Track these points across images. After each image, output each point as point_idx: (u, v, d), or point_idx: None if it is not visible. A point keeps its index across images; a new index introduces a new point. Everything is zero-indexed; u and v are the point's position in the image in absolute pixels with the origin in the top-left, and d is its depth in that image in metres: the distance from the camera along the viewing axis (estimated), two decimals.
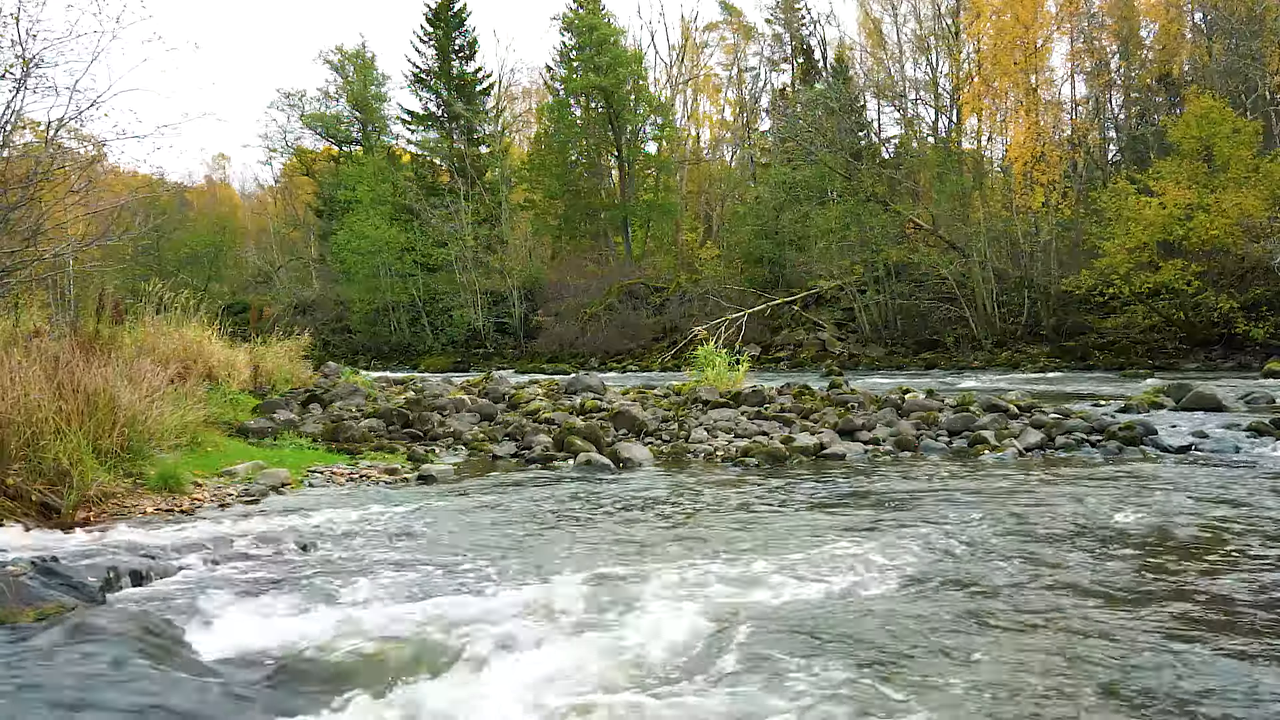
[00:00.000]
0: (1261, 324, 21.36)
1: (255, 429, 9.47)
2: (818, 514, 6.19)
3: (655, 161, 42.87)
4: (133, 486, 6.38)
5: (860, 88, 36.63)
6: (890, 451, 9.15)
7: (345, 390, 12.47)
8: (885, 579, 4.51)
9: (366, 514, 6.25)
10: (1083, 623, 3.81)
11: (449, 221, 37.29)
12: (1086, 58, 30.63)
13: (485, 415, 11.03)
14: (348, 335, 40.38)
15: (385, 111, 46.65)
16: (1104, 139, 33.28)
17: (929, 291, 28.51)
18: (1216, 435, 9.28)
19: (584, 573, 4.64)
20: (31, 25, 9.61)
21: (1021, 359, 24.58)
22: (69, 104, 9.90)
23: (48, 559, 4.20)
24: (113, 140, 11.08)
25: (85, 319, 10.68)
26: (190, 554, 4.92)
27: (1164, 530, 5.50)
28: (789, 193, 32.37)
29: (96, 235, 10.66)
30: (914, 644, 3.57)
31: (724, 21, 47.04)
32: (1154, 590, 4.26)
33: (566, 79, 41.42)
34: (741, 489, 7.26)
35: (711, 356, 13.72)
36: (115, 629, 3.34)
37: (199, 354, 11.41)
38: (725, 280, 33.17)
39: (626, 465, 8.49)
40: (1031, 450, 8.96)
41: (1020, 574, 4.58)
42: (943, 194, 29.38)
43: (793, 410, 11.21)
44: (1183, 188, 22.03)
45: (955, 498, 6.67)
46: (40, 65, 9.71)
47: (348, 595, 4.29)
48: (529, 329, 36.43)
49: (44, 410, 5.89)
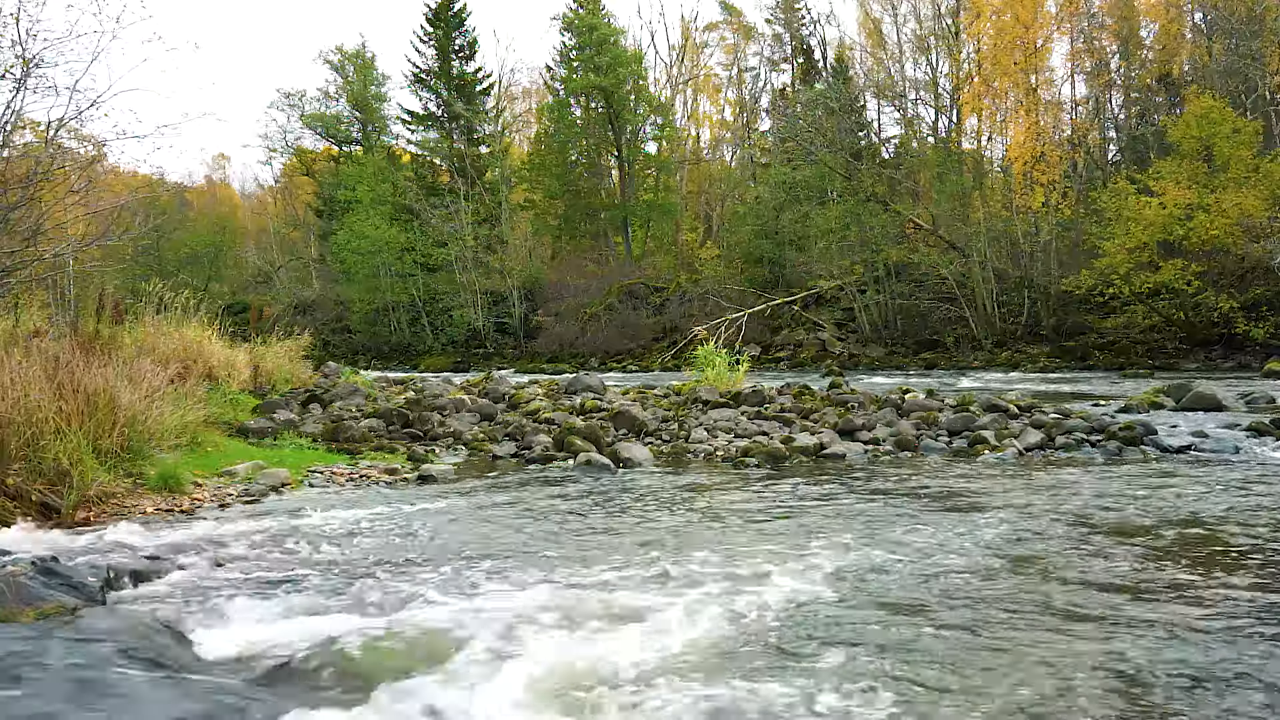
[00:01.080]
0: (1261, 324, 21.35)
1: (255, 429, 9.47)
2: (818, 514, 6.19)
3: (655, 161, 42.86)
4: (133, 486, 6.38)
5: (860, 88, 36.63)
6: (890, 451, 9.15)
7: (345, 390, 12.47)
8: (886, 578, 4.51)
9: (366, 514, 6.25)
10: (1083, 622, 3.81)
11: (449, 221, 37.29)
12: (1086, 58, 30.64)
13: (485, 415, 11.03)
14: (348, 335, 40.37)
15: (385, 111, 46.66)
16: (1104, 139, 33.28)
17: (929, 291, 28.51)
18: (1216, 435, 9.28)
19: (585, 573, 4.64)
20: (31, 25, 9.62)
21: (1021, 359, 24.58)
22: (69, 104, 9.91)
23: (48, 559, 4.20)
24: (113, 140, 11.10)
25: (85, 319, 10.68)
26: (190, 554, 4.92)
27: (1164, 530, 5.50)
28: (789, 193, 32.36)
29: (96, 235, 10.66)
30: (914, 641, 3.57)
31: (724, 21, 47.07)
32: (1154, 590, 4.26)
33: (566, 79, 41.41)
34: (742, 489, 7.26)
35: (711, 356, 13.72)
36: (115, 629, 3.35)
37: (199, 354, 11.41)
38: (725, 280, 33.17)
39: (626, 465, 8.49)
40: (1031, 450, 8.96)
41: (1020, 574, 4.58)
42: (943, 194, 29.38)
43: (793, 410, 11.21)
44: (1183, 188, 22.03)
45: (955, 497, 6.67)
46: (40, 65, 9.72)
47: (348, 595, 4.28)
48: (529, 329, 36.42)
49: (44, 410, 5.89)
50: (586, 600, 4.11)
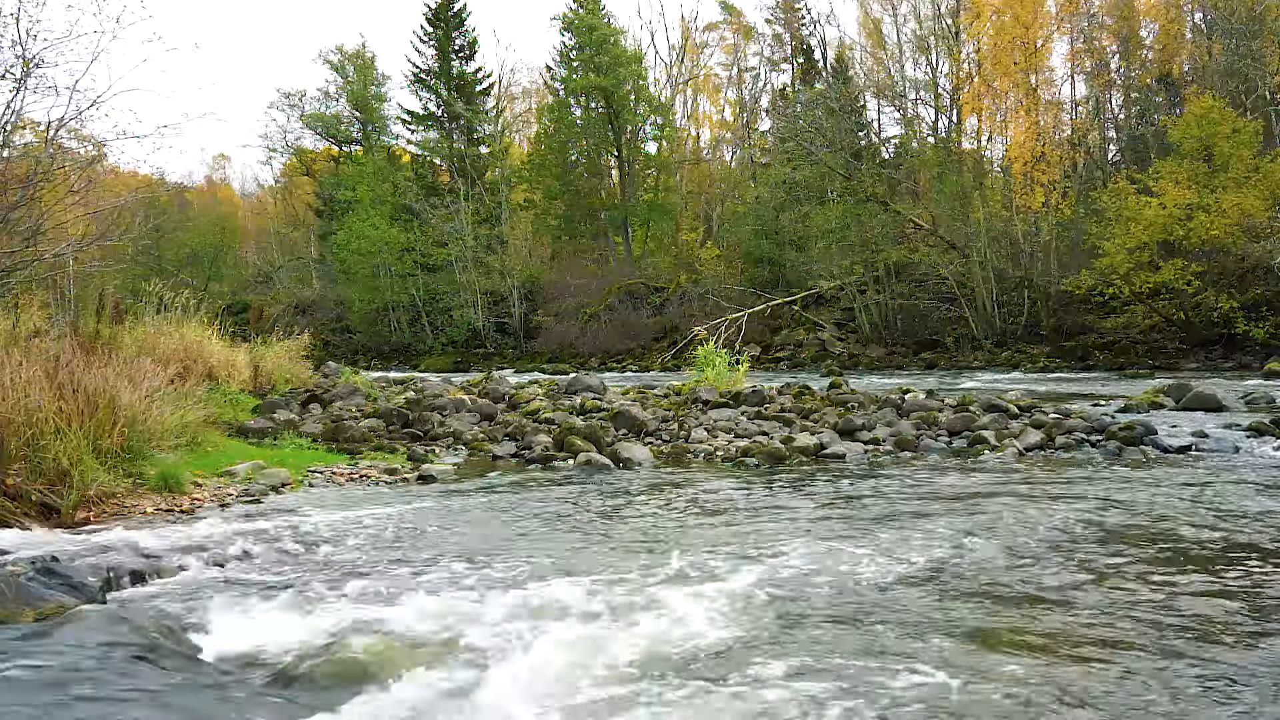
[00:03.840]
0: (1261, 324, 21.35)
1: (255, 429, 9.47)
2: (818, 513, 6.19)
3: (655, 161, 42.84)
4: (133, 486, 6.37)
5: (860, 88, 36.60)
6: (890, 451, 9.15)
7: (345, 390, 12.47)
8: (885, 578, 4.51)
9: (366, 514, 6.25)
10: (1081, 620, 3.81)
11: (449, 221, 37.28)
12: (1086, 58, 30.65)
13: (485, 415, 11.03)
14: (348, 335, 40.36)
15: (385, 111, 46.59)
16: (1104, 139, 33.29)
17: (929, 291, 28.50)
18: (1216, 435, 9.28)
19: (585, 573, 4.64)
20: (31, 25, 9.64)
21: (1021, 359, 24.57)
22: (69, 104, 9.93)
23: (48, 559, 4.20)
24: (113, 140, 11.10)
25: (85, 319, 10.69)
26: (190, 554, 4.92)
27: (1163, 530, 5.50)
28: (789, 193, 32.36)
29: (96, 235, 10.67)
30: (915, 638, 3.57)
31: (724, 21, 47.02)
32: (1153, 589, 4.26)
33: (566, 79, 41.40)
34: (742, 489, 7.26)
35: (711, 356, 13.72)
36: (115, 629, 3.35)
37: (199, 354, 11.41)
38: (725, 280, 33.16)
39: (626, 465, 8.49)
40: (1031, 450, 8.96)
41: (1021, 573, 4.58)
42: (943, 194, 29.37)
43: (793, 410, 11.21)
44: (1183, 188, 22.02)
45: (955, 497, 6.67)
46: (40, 65, 9.74)
47: (348, 595, 4.28)
48: (529, 329, 36.42)
49: (44, 410, 5.88)
50: (587, 599, 4.11)
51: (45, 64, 9.76)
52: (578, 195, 42.25)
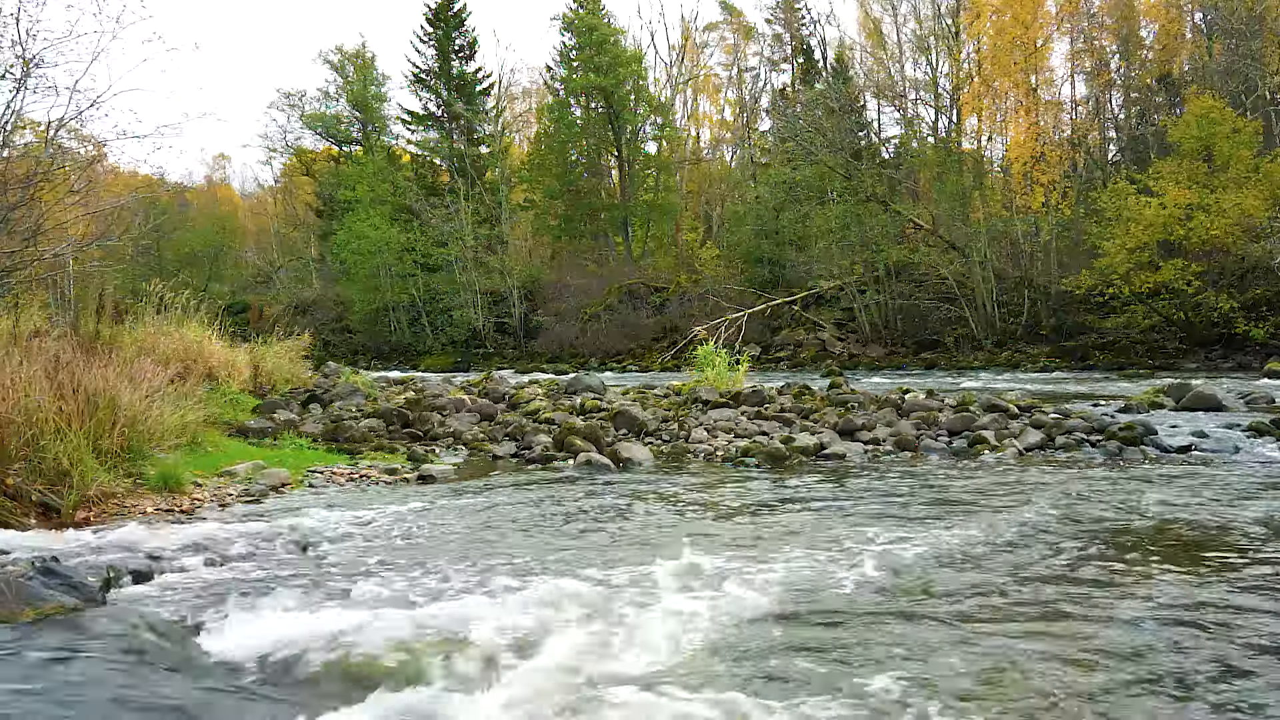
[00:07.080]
0: (1261, 324, 21.35)
1: (255, 429, 9.47)
2: (818, 513, 6.19)
3: (655, 161, 42.85)
4: (133, 486, 6.37)
5: (860, 88, 36.62)
6: (890, 451, 9.15)
7: (345, 390, 12.47)
8: (885, 578, 4.51)
9: (366, 514, 6.24)
10: (1081, 621, 3.81)
11: (449, 221, 37.28)
12: (1086, 58, 30.65)
13: (485, 415, 11.03)
14: (348, 335, 40.35)
15: (385, 111, 46.64)
16: (1104, 139, 33.29)
17: (929, 291, 28.50)
18: (1216, 435, 9.28)
19: (585, 573, 4.64)
20: (31, 25, 9.65)
21: (1021, 359, 24.58)
22: (69, 104, 9.93)
23: (48, 559, 4.20)
24: (113, 140, 11.11)
25: (85, 319, 10.68)
26: (190, 554, 4.92)
27: (1164, 530, 5.50)
28: (789, 193, 32.35)
29: (96, 235, 10.68)
30: (915, 635, 3.57)
31: (724, 21, 47.05)
32: (1153, 589, 4.26)
33: (566, 79, 41.41)
34: (742, 489, 7.26)
35: (711, 356, 13.71)
36: (115, 629, 3.35)
37: (199, 354, 11.40)
38: (725, 280, 33.16)
39: (626, 465, 8.49)
40: (1031, 450, 8.96)
41: (1021, 574, 4.58)
42: (943, 194, 29.37)
43: (793, 410, 11.20)
44: (1183, 188, 22.03)
45: (955, 498, 6.67)
46: (40, 65, 9.74)
47: (348, 596, 4.28)
48: (529, 329, 36.42)
49: (44, 410, 5.88)
50: (590, 599, 4.11)
51: (45, 64, 9.78)
52: (578, 195, 42.25)
